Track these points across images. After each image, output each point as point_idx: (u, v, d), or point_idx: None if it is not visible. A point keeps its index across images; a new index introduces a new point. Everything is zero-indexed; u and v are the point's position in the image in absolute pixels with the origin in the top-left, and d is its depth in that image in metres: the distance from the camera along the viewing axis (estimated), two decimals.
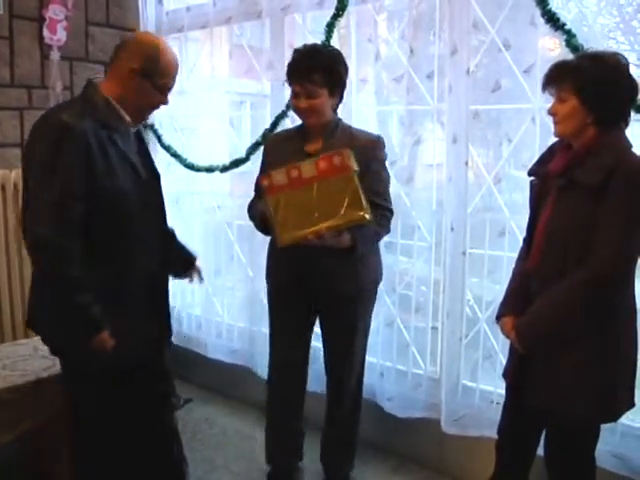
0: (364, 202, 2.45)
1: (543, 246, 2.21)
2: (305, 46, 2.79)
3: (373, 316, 3.06)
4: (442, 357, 3.12)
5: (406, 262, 3.24)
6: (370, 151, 2.73)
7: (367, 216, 2.45)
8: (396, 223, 3.06)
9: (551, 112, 2.18)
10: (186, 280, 2.74)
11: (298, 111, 2.76)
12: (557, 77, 2.14)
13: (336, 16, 3.24)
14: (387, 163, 2.85)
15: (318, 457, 3.17)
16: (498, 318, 2.42)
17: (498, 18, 2.84)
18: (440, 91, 3.06)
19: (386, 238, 3.13)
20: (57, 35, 3.97)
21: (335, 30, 3.26)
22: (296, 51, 2.77)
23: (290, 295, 2.92)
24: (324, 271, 2.77)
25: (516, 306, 2.32)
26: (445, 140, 2.97)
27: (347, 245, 2.61)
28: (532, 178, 2.34)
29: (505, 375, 2.44)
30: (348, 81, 3.13)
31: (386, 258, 3.19)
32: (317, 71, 2.65)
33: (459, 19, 2.87)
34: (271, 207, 2.51)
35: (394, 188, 3.13)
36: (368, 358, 3.33)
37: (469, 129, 2.91)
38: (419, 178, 3.25)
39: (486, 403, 3.01)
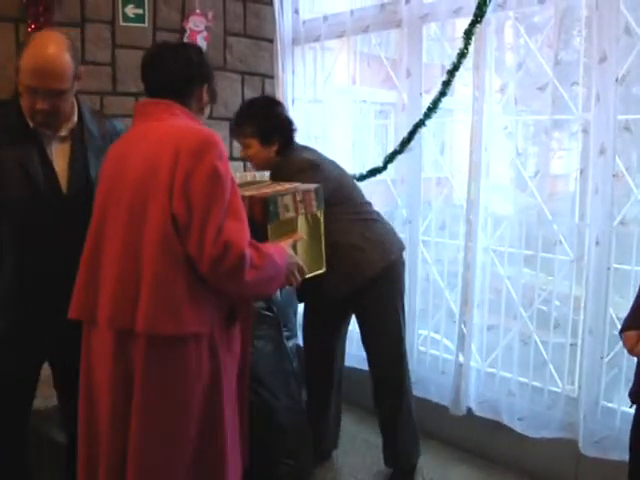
0: None
1: None
2: (242, 103, 3.11)
3: (505, 331, 3.10)
4: (581, 375, 3.00)
5: (545, 276, 3.14)
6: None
7: None
8: (537, 235, 3.00)
9: None
10: None
11: None
12: None
13: (474, 23, 3.17)
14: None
15: None
16: (622, 332, 2.29)
17: None
18: (585, 100, 2.95)
19: (525, 251, 3.08)
20: None
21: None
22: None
23: None
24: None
25: None
26: (591, 151, 2.85)
27: None
28: None
29: (631, 395, 2.33)
30: (482, 91, 3.11)
31: (523, 272, 3.13)
32: (244, 124, 2.92)
33: (608, 25, 2.75)
34: None
35: (532, 200, 3.07)
36: (502, 373, 3.30)
37: (617, 140, 2.78)
38: (558, 189, 3.15)
39: (628, 425, 2.86)
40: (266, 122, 2.91)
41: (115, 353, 2.01)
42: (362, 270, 2.94)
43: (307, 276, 2.28)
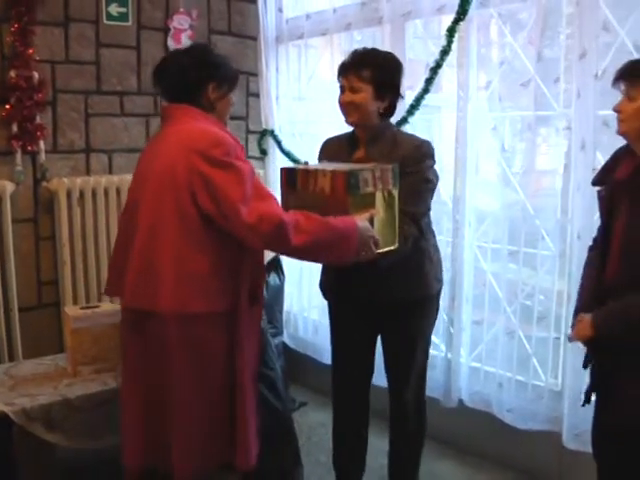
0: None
1: (621, 256, 2.11)
2: (364, 47, 2.74)
3: (489, 325, 3.14)
4: (564, 369, 3.03)
5: (528, 271, 3.16)
6: (410, 161, 2.60)
7: None
8: (521, 230, 3.05)
9: (617, 109, 2.09)
10: None
11: (341, 107, 2.70)
12: (630, 75, 2.06)
13: (457, 20, 3.20)
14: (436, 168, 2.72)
15: None
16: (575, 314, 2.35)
17: (628, 19, 2.73)
18: (566, 96, 2.98)
19: (509, 247, 3.10)
20: (181, 44, 4.10)
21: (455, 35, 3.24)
22: (353, 50, 2.73)
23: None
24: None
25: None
26: (573, 146, 2.88)
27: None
28: (599, 188, 2.27)
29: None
30: (467, 88, 3.15)
31: (507, 267, 3.15)
32: (365, 67, 2.60)
33: (588, 21, 2.78)
34: None
35: (516, 196, 3.09)
36: (486, 368, 3.32)
37: (597, 135, 2.80)
38: (543, 185, 3.17)
39: None
40: (387, 75, 2.65)
41: (132, 332, 2.30)
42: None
43: (380, 250, 2.40)
